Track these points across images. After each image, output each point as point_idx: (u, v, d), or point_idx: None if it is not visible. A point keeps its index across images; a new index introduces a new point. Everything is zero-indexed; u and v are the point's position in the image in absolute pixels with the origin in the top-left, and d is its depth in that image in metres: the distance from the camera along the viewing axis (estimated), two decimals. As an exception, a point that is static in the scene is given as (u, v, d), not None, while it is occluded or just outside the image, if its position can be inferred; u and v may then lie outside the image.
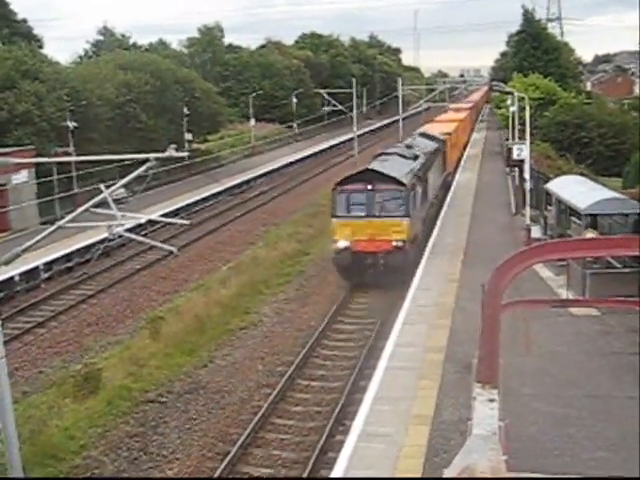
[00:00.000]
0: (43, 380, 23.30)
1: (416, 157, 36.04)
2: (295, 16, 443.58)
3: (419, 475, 13.46)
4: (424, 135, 47.77)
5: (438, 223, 36.93)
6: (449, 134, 51.17)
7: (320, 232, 40.12)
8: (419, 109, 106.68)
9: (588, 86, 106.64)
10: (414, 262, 29.44)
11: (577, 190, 29.20)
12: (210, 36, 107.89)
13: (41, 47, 70.69)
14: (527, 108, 36.71)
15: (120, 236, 16.74)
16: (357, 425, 15.73)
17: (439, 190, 42.67)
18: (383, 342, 21.64)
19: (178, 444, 18.73)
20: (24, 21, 72.61)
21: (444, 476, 7.00)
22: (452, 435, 14.55)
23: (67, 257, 36.61)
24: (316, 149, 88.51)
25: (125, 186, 16.76)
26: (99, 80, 59.08)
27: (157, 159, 14.15)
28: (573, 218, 27.39)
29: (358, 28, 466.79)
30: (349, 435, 15.32)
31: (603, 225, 25.74)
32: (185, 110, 67.25)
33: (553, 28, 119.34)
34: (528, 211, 34.19)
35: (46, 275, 34.78)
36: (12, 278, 31.94)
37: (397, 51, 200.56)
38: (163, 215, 41.27)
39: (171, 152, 14.05)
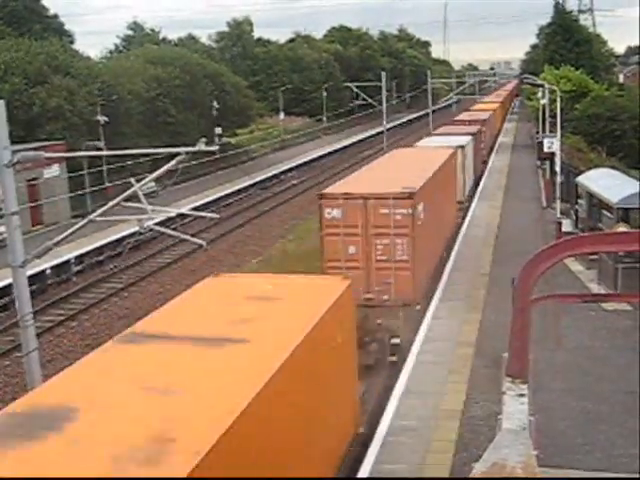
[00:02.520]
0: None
1: None
2: (324, 10, 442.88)
3: (448, 470, 13.42)
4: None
5: (466, 221, 36.61)
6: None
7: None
8: (449, 102, 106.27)
9: (620, 78, 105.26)
10: None
11: (609, 183, 28.91)
12: (239, 30, 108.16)
13: (72, 42, 71.54)
14: (558, 100, 36.37)
15: (150, 230, 16.83)
16: (386, 419, 15.69)
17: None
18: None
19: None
20: (55, 17, 73.34)
21: (474, 470, 6.97)
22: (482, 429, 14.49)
23: (98, 250, 36.88)
24: (345, 143, 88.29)
25: (155, 180, 16.82)
26: (129, 75, 59.49)
27: (187, 153, 14.22)
28: (604, 211, 27.12)
29: (387, 21, 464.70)
30: (378, 428, 15.29)
31: (635, 219, 25.42)
32: (215, 104, 67.45)
33: (585, 20, 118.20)
34: (559, 204, 33.91)
35: (77, 268, 35.06)
36: (44, 271, 32.23)
37: (426, 44, 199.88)
38: (193, 209, 41.42)
39: (201, 146, 14.12)
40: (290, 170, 67.45)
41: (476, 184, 44.99)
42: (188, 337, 10.37)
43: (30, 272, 18.19)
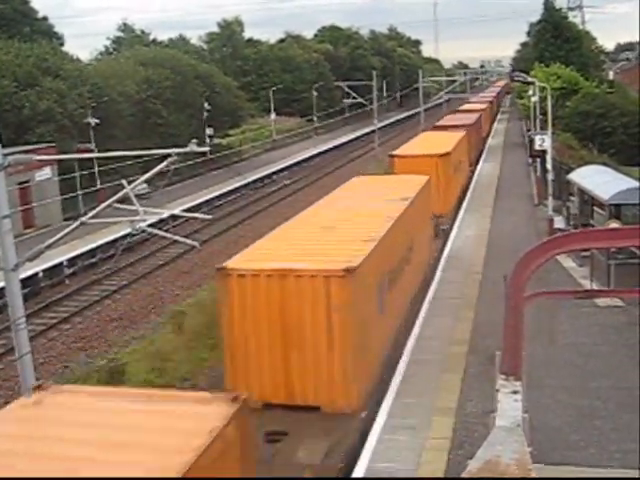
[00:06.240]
0: (68, 375, 23.46)
1: None
2: (314, 10, 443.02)
3: (443, 467, 13.43)
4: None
5: (459, 216, 36.64)
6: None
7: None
8: (439, 101, 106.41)
9: (610, 75, 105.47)
10: None
11: (600, 180, 28.98)
12: (230, 31, 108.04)
13: (62, 44, 71.31)
14: (549, 98, 36.43)
15: (143, 231, 16.81)
16: (381, 417, 15.69)
17: None
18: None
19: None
20: (45, 19, 73.09)
21: (469, 468, 6.97)
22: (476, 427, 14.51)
23: (91, 253, 36.82)
24: (337, 142, 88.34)
25: (147, 181, 16.81)
26: (120, 76, 59.41)
27: (179, 154, 14.21)
28: (596, 208, 27.20)
29: (377, 21, 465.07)
30: (373, 427, 15.29)
31: (627, 215, 25.50)
32: (206, 105, 67.40)
33: (574, 17, 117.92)
34: (550, 202, 33.98)
35: (70, 271, 35.00)
36: (36, 274, 32.15)
37: (417, 43, 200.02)
38: (185, 210, 41.35)
39: (193, 147, 14.12)
40: (282, 170, 67.43)
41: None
42: None
43: (22, 275, 18.14)
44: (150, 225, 19.11)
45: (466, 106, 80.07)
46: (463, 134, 44.41)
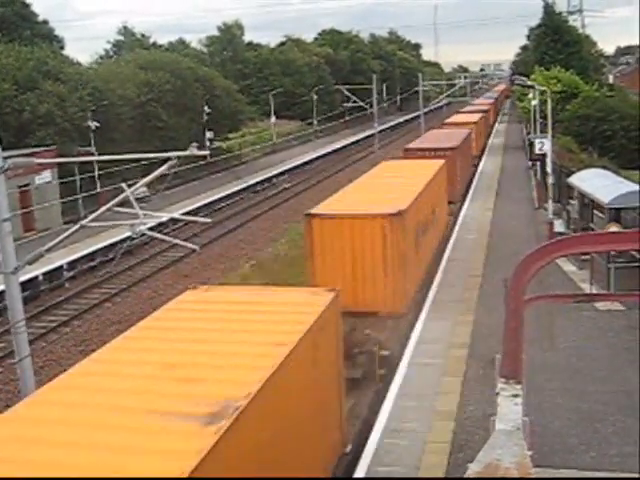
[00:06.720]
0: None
1: None
2: (314, 13, 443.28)
3: (444, 471, 13.43)
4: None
5: (459, 221, 36.63)
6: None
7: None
8: (440, 104, 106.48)
9: (610, 78, 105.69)
10: None
11: (600, 183, 28.97)
12: (230, 34, 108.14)
13: (62, 48, 71.39)
14: (549, 101, 36.44)
15: (143, 235, 16.80)
16: (381, 421, 15.69)
17: None
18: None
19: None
20: (45, 22, 73.15)
21: (469, 471, 6.96)
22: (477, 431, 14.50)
23: (90, 256, 36.83)
24: (337, 146, 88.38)
25: (147, 185, 16.82)
26: (120, 80, 59.41)
27: (179, 158, 14.22)
28: (596, 212, 27.18)
29: (378, 24, 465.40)
30: (373, 431, 15.29)
31: (627, 219, 25.49)
32: (206, 108, 67.44)
33: (574, 21, 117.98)
34: (550, 205, 33.99)
35: (70, 274, 35.01)
36: (36, 278, 32.16)
37: (417, 46, 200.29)
38: (185, 213, 41.39)
39: (192, 151, 14.12)
40: (282, 174, 67.45)
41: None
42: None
43: (22, 278, 18.14)
44: (150, 228, 19.13)
45: (455, 117, 70.23)
46: (440, 165, 31.01)
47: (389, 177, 28.08)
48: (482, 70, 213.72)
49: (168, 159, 14.34)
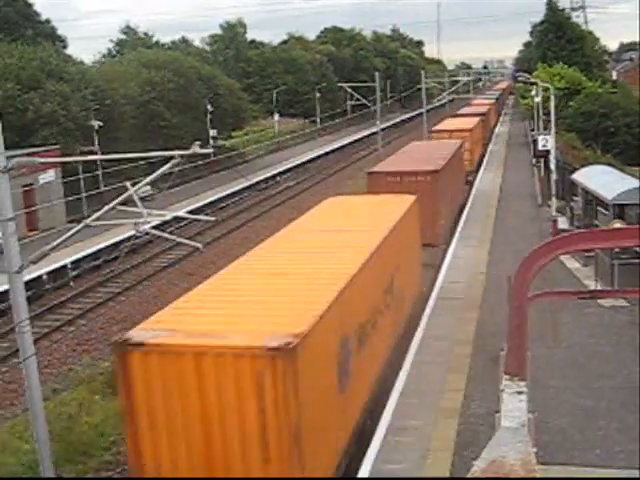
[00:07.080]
0: (73, 377, 23.49)
1: None
2: (316, 11, 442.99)
3: (448, 467, 13.43)
4: None
5: (463, 217, 36.57)
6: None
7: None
8: (443, 101, 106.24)
9: (614, 75, 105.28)
10: None
11: (604, 180, 28.95)
12: (232, 33, 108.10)
13: (65, 47, 71.34)
14: (552, 98, 36.41)
15: (147, 233, 16.82)
16: (386, 418, 15.70)
17: None
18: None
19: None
20: (48, 22, 73.11)
21: (474, 468, 6.97)
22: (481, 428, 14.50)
23: (95, 255, 36.85)
24: (340, 143, 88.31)
25: (151, 183, 16.82)
26: (123, 79, 59.43)
27: (182, 156, 14.23)
28: (600, 208, 27.15)
29: (380, 22, 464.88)
30: (378, 428, 15.29)
31: (631, 215, 25.46)
32: (209, 107, 67.45)
33: (577, 17, 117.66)
34: (554, 202, 33.96)
35: (74, 273, 35.02)
36: (40, 277, 32.19)
37: (420, 44, 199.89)
38: (189, 212, 41.39)
39: (196, 149, 14.13)
40: (285, 172, 67.41)
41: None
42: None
43: (27, 278, 18.16)
44: (154, 227, 19.14)
45: (445, 123, 61.91)
46: (408, 205, 22.25)
47: (312, 241, 18.34)
48: (485, 67, 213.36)
49: (171, 158, 14.35)
